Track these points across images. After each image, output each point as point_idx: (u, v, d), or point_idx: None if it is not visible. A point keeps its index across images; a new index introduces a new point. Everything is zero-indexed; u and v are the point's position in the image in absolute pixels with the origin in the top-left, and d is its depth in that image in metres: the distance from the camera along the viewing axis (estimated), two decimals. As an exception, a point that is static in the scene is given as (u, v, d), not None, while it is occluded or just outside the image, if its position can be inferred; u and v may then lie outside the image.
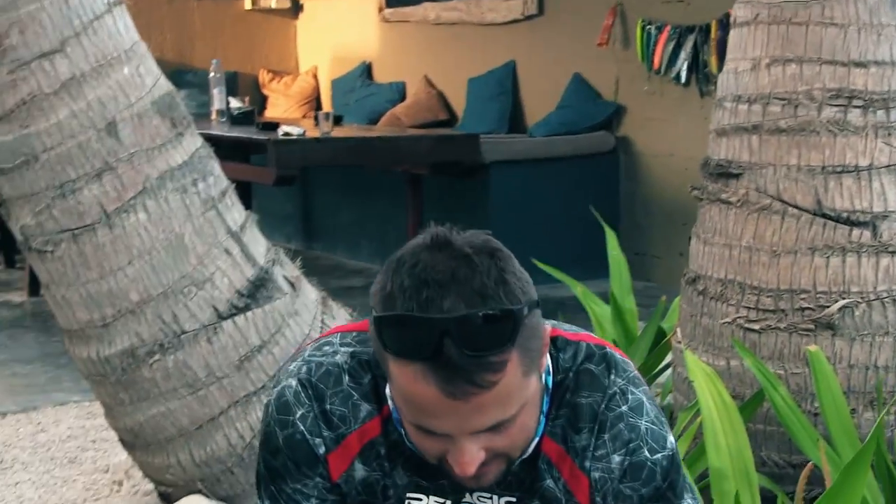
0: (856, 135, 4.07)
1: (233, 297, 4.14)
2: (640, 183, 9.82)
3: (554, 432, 2.31)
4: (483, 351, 1.96)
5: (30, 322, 8.80)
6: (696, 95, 9.28)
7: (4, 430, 6.31)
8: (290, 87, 12.62)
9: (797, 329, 4.08)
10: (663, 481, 2.30)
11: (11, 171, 4.03)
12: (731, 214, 4.25)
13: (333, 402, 2.34)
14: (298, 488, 2.39)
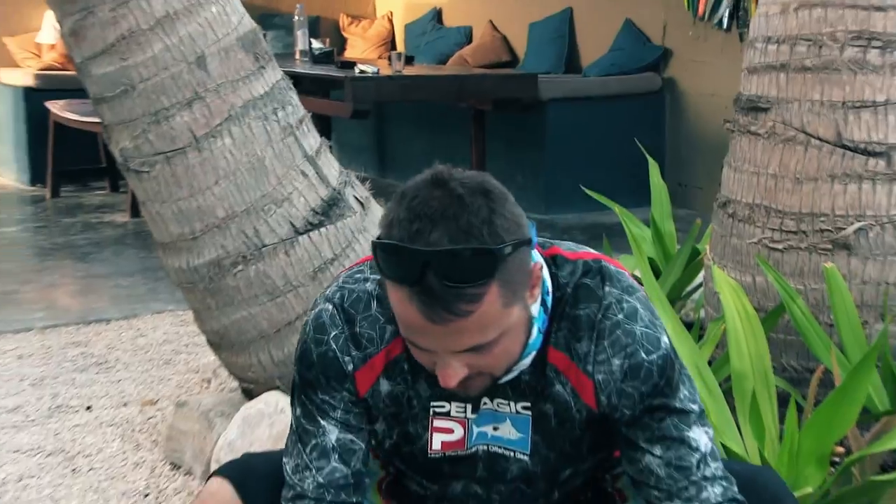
0: (874, 73, 4.10)
1: (308, 215, 4.22)
2: (684, 120, 9.83)
3: (558, 343, 2.41)
4: (461, 283, 2.08)
5: (131, 240, 8.90)
6: (736, 40, 9.24)
7: (109, 334, 6.49)
8: (368, 31, 12.62)
9: (816, 249, 4.14)
10: (660, 378, 2.38)
11: (112, 100, 4.11)
12: (759, 145, 4.32)
13: (363, 325, 2.45)
14: (326, 399, 2.49)
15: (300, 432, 2.56)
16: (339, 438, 2.53)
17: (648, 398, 2.41)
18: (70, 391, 5.60)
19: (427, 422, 2.55)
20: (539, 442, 2.54)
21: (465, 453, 2.57)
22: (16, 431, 5.11)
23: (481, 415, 2.53)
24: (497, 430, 2.54)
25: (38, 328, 6.60)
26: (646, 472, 2.47)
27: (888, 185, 4.15)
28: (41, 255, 8.49)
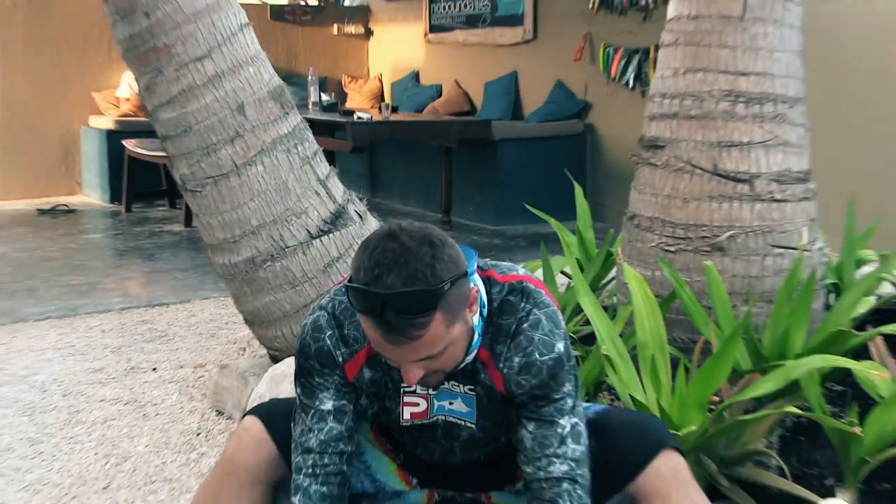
0: (741, 121, 4.14)
1: (320, 224, 4.22)
2: (601, 155, 9.79)
3: (485, 343, 2.46)
4: (411, 315, 2.16)
5: (185, 244, 8.84)
6: (638, 96, 9.17)
7: (168, 314, 6.49)
8: (363, 87, 12.54)
9: (698, 251, 4.18)
10: (548, 375, 2.42)
11: (174, 137, 4.11)
12: (657, 173, 4.34)
13: (349, 328, 2.50)
14: (321, 382, 2.54)
15: (302, 406, 2.60)
16: (334, 405, 2.58)
17: (536, 389, 2.46)
18: (140, 356, 5.60)
19: (399, 399, 2.60)
20: (479, 414, 2.59)
21: (428, 422, 2.62)
22: (101, 386, 5.12)
23: (440, 392, 2.58)
24: (452, 405, 2.59)
25: (116, 309, 6.60)
26: (517, 440, 2.53)
27: (751, 204, 4.18)
28: (118, 255, 8.49)
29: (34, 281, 7.49)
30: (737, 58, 4.20)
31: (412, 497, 2.83)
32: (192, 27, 4.02)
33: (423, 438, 2.69)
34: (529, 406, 2.49)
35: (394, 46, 12.82)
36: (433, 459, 2.75)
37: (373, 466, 2.81)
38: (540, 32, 10.54)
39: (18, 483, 4.03)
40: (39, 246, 8.82)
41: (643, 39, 9.20)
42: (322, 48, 12.89)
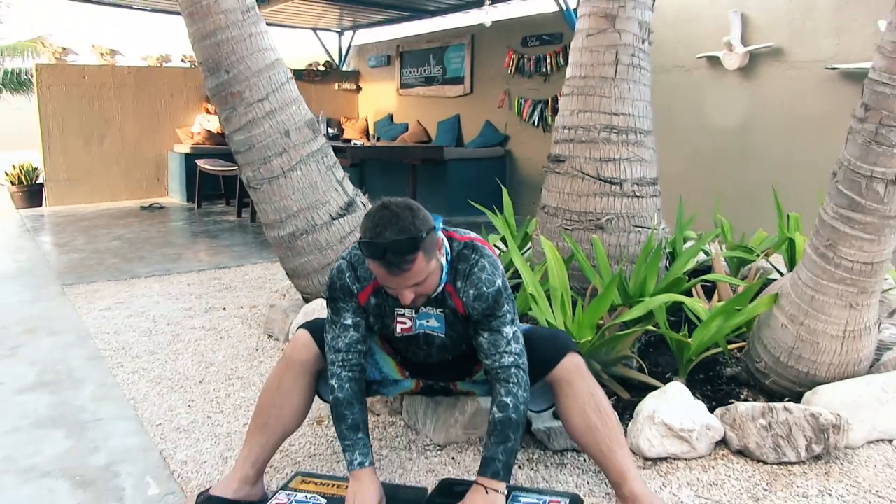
0: (614, 144, 4.12)
1: (338, 210, 4.18)
2: (515, 170, 9.75)
3: (450, 280, 2.52)
4: (403, 255, 2.27)
5: (237, 228, 8.71)
6: (540, 132, 9.20)
7: (230, 274, 6.41)
8: (355, 125, 12.40)
9: (587, 229, 4.16)
10: (493, 301, 2.50)
11: (243, 152, 4.07)
12: (560, 178, 4.28)
13: (360, 271, 2.57)
14: (343, 306, 2.59)
15: (332, 321, 2.64)
16: (353, 320, 2.62)
17: (486, 310, 2.54)
18: (214, 301, 5.55)
19: (393, 318, 2.66)
20: (447, 328, 2.64)
21: (413, 334, 2.68)
22: (190, 318, 5.07)
23: (420, 314, 2.64)
24: (428, 322, 2.64)
25: (195, 271, 6.54)
26: (477, 344, 2.60)
27: (621, 198, 4.16)
28: (194, 236, 8.38)
29: (142, 252, 7.40)
30: (611, 104, 4.16)
31: (405, 384, 2.87)
32: (256, 79, 3.98)
33: (411, 345, 2.73)
34: (482, 322, 2.56)
35: (376, 97, 12.66)
36: (419, 360, 2.79)
37: (380, 363, 2.84)
38: (475, 89, 10.49)
39: (145, 377, 4.01)
40: (143, 230, 8.71)
41: (544, 94, 9.24)
42: (328, 98, 12.70)
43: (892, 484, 2.83)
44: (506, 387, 2.52)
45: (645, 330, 3.53)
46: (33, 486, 2.90)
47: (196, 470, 3.00)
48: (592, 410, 2.62)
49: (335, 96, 12.91)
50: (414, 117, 11.62)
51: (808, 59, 6.61)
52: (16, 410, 3.60)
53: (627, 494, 2.57)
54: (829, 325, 3.19)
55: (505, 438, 2.48)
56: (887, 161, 2.91)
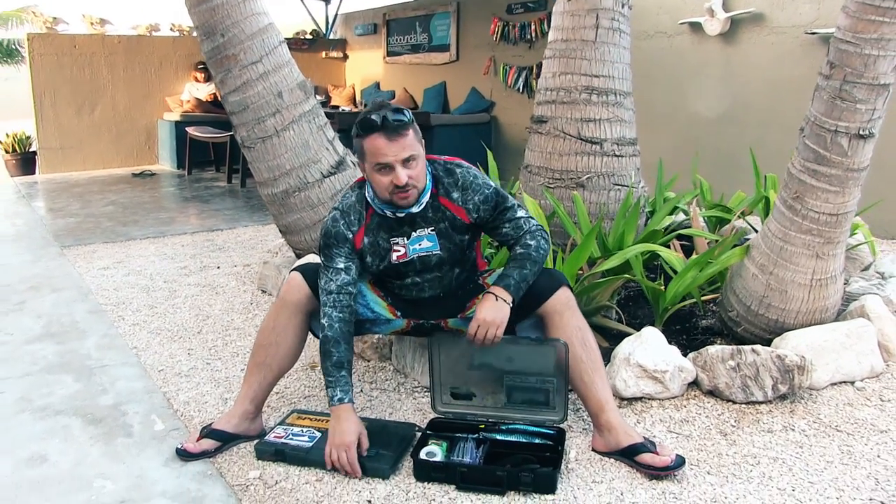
0: (594, 105, 4.24)
1: (329, 168, 4.24)
2: (500, 135, 9.80)
3: (443, 195, 2.72)
4: (399, 120, 2.54)
5: (227, 194, 8.79)
6: (525, 98, 9.25)
7: (223, 236, 6.54)
8: (342, 93, 12.41)
9: (569, 187, 4.28)
10: (497, 197, 2.76)
11: (238, 113, 4.12)
12: (542, 138, 4.40)
13: (352, 217, 2.77)
14: (336, 252, 2.75)
15: (325, 266, 2.79)
16: (344, 264, 2.77)
17: (495, 207, 2.78)
18: (208, 260, 5.68)
19: (389, 247, 2.81)
20: (442, 242, 2.80)
21: (408, 260, 2.82)
22: (186, 276, 5.21)
23: (411, 240, 2.80)
24: (420, 246, 2.80)
25: (189, 233, 6.65)
26: (504, 236, 2.82)
27: (601, 158, 4.29)
28: (185, 201, 8.45)
29: (136, 216, 7.50)
30: (591, 66, 4.27)
31: (397, 322, 2.98)
32: (250, 42, 4.06)
33: (406, 277, 2.89)
34: (498, 217, 2.80)
35: (363, 65, 12.70)
36: (411, 296, 2.93)
37: (371, 303, 2.96)
38: (461, 56, 10.53)
39: (146, 329, 4.16)
40: (136, 195, 8.79)
41: (528, 60, 9.30)
42: (315, 66, 12.73)
43: (850, 419, 3.01)
44: (532, 236, 2.79)
45: (624, 282, 3.69)
46: (49, 422, 3.06)
47: (198, 409, 3.16)
48: (579, 343, 2.77)
49: (322, 64, 12.95)
50: (401, 85, 11.65)
51: (789, 24, 6.74)
52: (26, 358, 3.75)
53: (604, 423, 2.74)
54: (796, 274, 3.35)
55: (522, 266, 2.73)
56: (850, 116, 3.07)
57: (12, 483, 2.62)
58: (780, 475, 2.61)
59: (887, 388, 3.27)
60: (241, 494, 2.53)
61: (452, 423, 2.88)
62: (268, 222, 6.87)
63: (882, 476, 2.60)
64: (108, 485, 2.60)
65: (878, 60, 2.96)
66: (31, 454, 2.81)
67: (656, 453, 2.63)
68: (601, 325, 3.64)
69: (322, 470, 2.67)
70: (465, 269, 2.94)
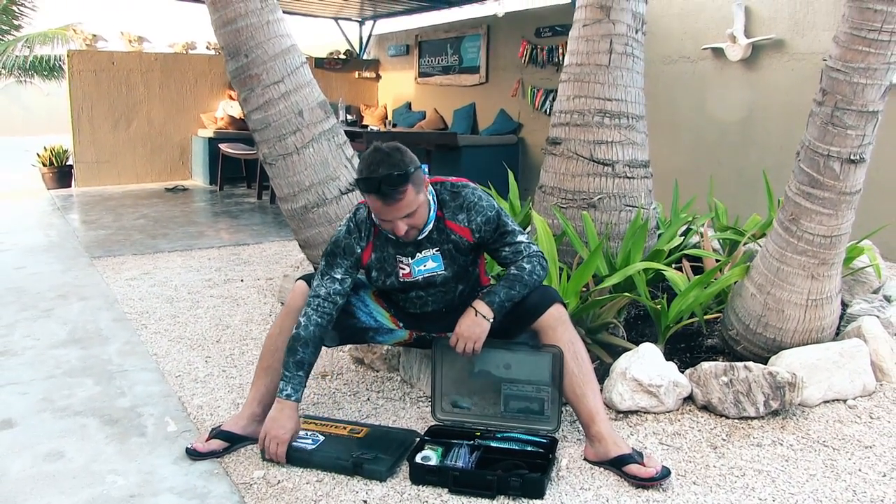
0: (607, 128, 4.33)
1: (347, 185, 4.29)
2: (527, 157, 9.94)
3: (451, 217, 2.86)
4: (395, 186, 2.61)
5: (257, 209, 8.96)
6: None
7: (249, 250, 6.68)
8: (374, 112, 12.62)
9: (580, 207, 4.37)
10: (498, 220, 2.88)
11: (260, 130, 4.21)
12: (556, 159, 4.50)
13: (363, 231, 2.93)
14: (340, 261, 2.92)
15: (321, 273, 2.95)
16: (342, 275, 2.94)
17: (496, 229, 2.90)
18: (232, 273, 5.85)
19: (395, 266, 2.95)
20: (447, 262, 2.93)
21: (412, 280, 2.96)
22: (210, 288, 5.39)
23: (416, 261, 2.94)
24: (425, 266, 2.94)
25: (216, 247, 6.82)
26: (503, 259, 2.95)
27: (613, 179, 4.38)
28: (215, 215, 8.63)
29: (166, 229, 7.71)
30: (605, 90, 4.37)
31: (399, 333, 3.13)
32: (273, 63, 4.20)
33: (411, 291, 3.02)
34: (498, 240, 2.93)
35: (395, 86, 12.89)
36: (415, 311, 3.08)
37: (374, 312, 3.11)
38: (490, 78, 10.69)
39: (167, 337, 4.34)
40: (167, 209, 9.02)
41: (555, 83, 9.24)
42: (348, 86, 12.97)
43: (837, 435, 3.10)
44: (529, 260, 2.91)
45: (629, 300, 3.79)
46: (68, 421, 3.24)
47: (211, 413, 3.31)
48: (571, 356, 2.89)
49: (355, 84, 13.16)
50: (431, 105, 11.82)
51: (809, 50, 6.84)
52: (50, 362, 3.94)
53: (594, 434, 2.86)
54: (793, 294, 3.45)
55: (511, 286, 2.86)
56: (842, 141, 3.18)
57: (30, 476, 2.79)
58: (763, 486, 2.71)
59: (878, 406, 3.36)
60: (245, 492, 2.67)
61: (450, 429, 3.01)
62: (293, 237, 7.01)
63: (860, 488, 2.69)
64: (120, 480, 2.76)
65: (865, 88, 3.07)
66: (50, 450, 2.98)
67: (643, 464, 2.75)
68: (606, 341, 3.75)
69: (322, 471, 2.81)
70: (468, 285, 3.08)
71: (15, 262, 6.23)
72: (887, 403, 3.40)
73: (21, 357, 4.01)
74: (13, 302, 5.03)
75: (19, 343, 4.23)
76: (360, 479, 2.75)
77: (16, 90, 14.35)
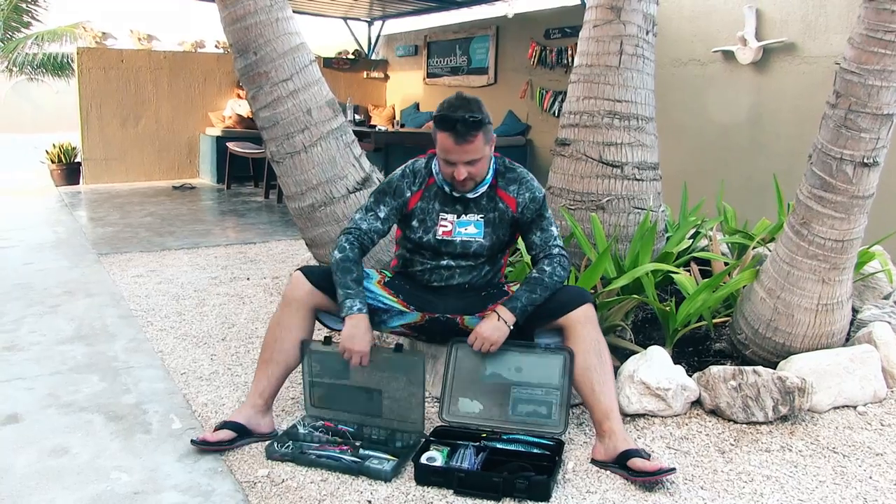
0: (616, 129, 4.32)
1: (354, 184, 4.30)
2: (536, 158, 9.92)
3: (503, 185, 3.02)
4: (469, 128, 2.77)
5: (264, 208, 8.96)
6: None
7: (256, 249, 6.68)
8: (382, 112, 12.64)
9: (588, 209, 4.36)
10: (542, 202, 3.02)
11: (268, 128, 4.21)
12: (565, 161, 4.50)
13: (417, 176, 3.08)
14: (387, 200, 3.07)
15: (367, 208, 3.10)
16: (385, 214, 3.09)
17: (537, 210, 3.04)
18: (239, 271, 5.84)
19: (437, 220, 3.07)
20: (488, 231, 3.05)
21: (451, 239, 3.07)
22: (216, 286, 5.38)
23: (460, 222, 3.06)
24: (467, 230, 3.05)
25: (223, 245, 6.83)
26: (531, 244, 3.07)
27: (622, 181, 4.37)
28: (222, 214, 8.63)
29: (173, 227, 7.71)
30: (615, 91, 4.37)
31: (410, 315, 3.14)
32: (282, 61, 4.19)
33: (443, 259, 3.12)
34: (535, 221, 3.05)
35: (403, 86, 12.89)
36: (440, 283, 3.15)
37: (380, 297, 3.13)
38: (499, 79, 10.70)
39: (172, 334, 4.34)
40: (175, 207, 9.02)
41: (564, 85, 9.23)
42: (356, 86, 12.97)
43: (847, 442, 3.08)
44: (550, 262, 3.00)
45: (637, 303, 3.77)
46: (73, 417, 3.23)
47: (215, 411, 3.30)
48: (594, 354, 2.92)
49: (363, 84, 13.16)
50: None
51: (820, 53, 6.81)
52: (56, 358, 3.94)
53: (606, 430, 2.85)
54: (803, 299, 3.43)
55: (532, 290, 2.94)
56: (855, 144, 3.15)
57: (34, 472, 2.78)
58: (772, 492, 2.69)
59: (889, 413, 3.33)
60: (249, 491, 2.65)
61: (456, 430, 2.99)
62: (300, 237, 7.00)
63: (871, 496, 2.67)
64: (124, 476, 2.74)
65: (881, 91, 3.05)
66: (55, 446, 2.97)
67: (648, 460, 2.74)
68: (614, 344, 3.71)
69: (327, 470, 2.79)
70: (493, 269, 3.20)
71: (22, 258, 6.22)
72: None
73: (27, 352, 4.00)
74: (20, 298, 5.03)
75: (26, 338, 4.22)
76: (365, 479, 2.73)
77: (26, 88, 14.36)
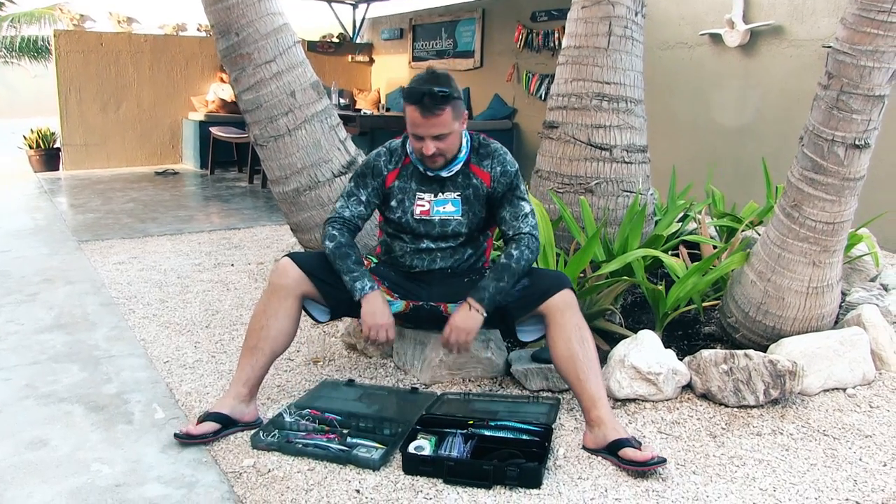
0: (605, 112, 4.29)
1: (340, 168, 4.27)
2: (522, 142, 9.91)
3: (475, 162, 3.02)
4: (436, 102, 2.78)
5: (248, 194, 8.91)
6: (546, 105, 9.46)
7: (240, 234, 6.64)
8: (367, 96, 12.58)
9: (577, 192, 4.35)
10: (514, 177, 3.03)
11: (251, 111, 4.18)
12: (553, 143, 4.48)
13: (393, 156, 3.09)
14: (368, 182, 3.07)
15: (347, 195, 3.11)
16: (367, 198, 3.09)
17: (508, 184, 3.04)
18: (223, 257, 5.79)
19: (414, 200, 3.07)
20: (465, 209, 3.05)
21: (429, 218, 3.06)
22: (200, 273, 5.33)
23: (437, 201, 3.06)
24: (444, 209, 3.05)
25: (206, 231, 6.77)
26: (501, 219, 3.06)
27: (610, 164, 4.35)
28: (206, 200, 8.58)
29: (155, 213, 7.65)
30: (603, 73, 4.34)
31: (395, 304, 3.11)
32: (265, 42, 4.14)
33: (423, 241, 3.11)
34: (505, 196, 3.04)
35: (388, 69, 12.84)
36: (422, 267, 3.13)
37: None
38: (485, 62, 10.66)
39: (155, 322, 4.28)
40: (157, 193, 8.95)
41: (551, 68, 9.33)
42: (341, 70, 12.90)
43: (837, 424, 3.07)
44: (517, 245, 2.97)
45: (627, 286, 3.75)
46: (52, 408, 3.18)
47: (199, 400, 3.26)
48: (577, 341, 2.88)
49: (348, 68, 13.09)
50: (425, 90, 11.69)
51: (808, 37, 6.79)
52: (35, 347, 3.88)
53: (594, 419, 2.82)
54: (793, 282, 3.41)
55: (499, 278, 2.91)
56: (847, 126, 3.13)
57: (11, 465, 2.73)
58: (764, 476, 2.67)
59: (877, 395, 3.33)
60: (234, 481, 2.62)
61: (443, 418, 2.96)
62: (285, 221, 6.96)
63: (861, 478, 2.66)
64: (105, 469, 2.70)
65: (873, 72, 3.02)
66: (33, 438, 2.92)
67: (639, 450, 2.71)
68: (603, 328, 3.71)
69: (314, 459, 2.75)
70: (475, 253, 3.18)
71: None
72: (887, 392, 3.37)
73: (4, 342, 3.95)
74: (-2, 285, 4.97)
75: (3, 328, 4.17)
76: (353, 468, 2.70)
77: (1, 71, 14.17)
